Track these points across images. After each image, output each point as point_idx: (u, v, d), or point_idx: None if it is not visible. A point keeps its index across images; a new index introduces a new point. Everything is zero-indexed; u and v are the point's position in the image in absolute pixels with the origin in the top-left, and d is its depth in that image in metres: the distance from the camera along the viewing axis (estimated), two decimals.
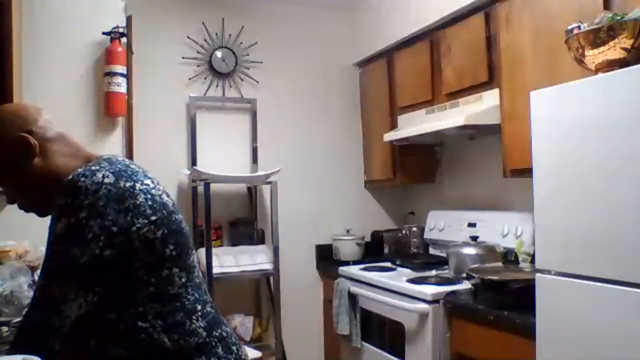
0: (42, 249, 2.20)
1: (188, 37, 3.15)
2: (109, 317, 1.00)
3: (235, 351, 1.13)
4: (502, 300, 1.96)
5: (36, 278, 2.06)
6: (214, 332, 1.10)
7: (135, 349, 1.00)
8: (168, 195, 1.12)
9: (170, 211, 1.08)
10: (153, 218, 1.04)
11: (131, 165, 1.10)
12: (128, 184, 1.03)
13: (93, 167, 1.02)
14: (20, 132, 1.08)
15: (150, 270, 1.02)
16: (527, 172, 1.86)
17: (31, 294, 1.95)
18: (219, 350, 1.09)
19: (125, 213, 1.00)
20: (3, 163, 1.09)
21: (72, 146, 1.15)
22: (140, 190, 1.04)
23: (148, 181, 1.08)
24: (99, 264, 0.97)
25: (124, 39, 2.53)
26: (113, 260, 0.98)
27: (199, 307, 1.09)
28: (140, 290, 1.01)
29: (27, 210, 1.15)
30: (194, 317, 1.07)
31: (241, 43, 3.26)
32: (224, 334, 1.13)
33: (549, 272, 1.64)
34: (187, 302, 1.07)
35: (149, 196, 1.05)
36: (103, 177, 1.00)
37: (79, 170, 1.02)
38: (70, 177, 1.00)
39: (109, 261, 0.98)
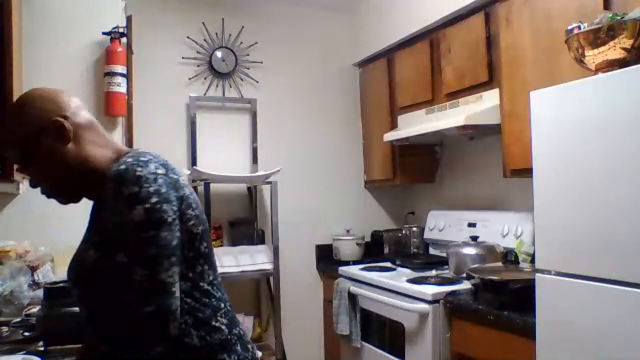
0: (42, 249, 2.22)
1: (188, 37, 3.15)
2: None
3: (251, 349, 1.15)
4: (502, 300, 1.96)
5: (36, 278, 2.06)
6: (234, 330, 1.12)
7: (167, 345, 0.99)
8: None
9: (202, 209, 1.11)
10: (197, 212, 1.07)
11: (168, 161, 1.10)
12: (175, 177, 1.04)
13: (142, 158, 1.01)
14: (56, 116, 1.06)
15: (188, 265, 1.04)
16: (527, 172, 1.86)
17: (31, 294, 1.96)
18: (238, 347, 1.10)
19: (180, 201, 1.03)
20: (35, 147, 1.05)
21: (102, 136, 1.14)
22: (184, 183, 1.07)
23: (183, 177, 1.09)
24: (180, 246, 1.00)
25: (124, 39, 2.53)
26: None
27: (222, 305, 1.11)
28: (180, 284, 1.02)
29: (49, 196, 1.12)
30: (218, 314, 1.09)
31: (241, 43, 3.26)
32: (241, 332, 1.15)
33: (549, 272, 1.64)
34: (213, 299, 1.09)
35: (189, 190, 1.07)
36: (155, 167, 1.01)
37: (128, 160, 1.00)
38: (124, 167, 0.98)
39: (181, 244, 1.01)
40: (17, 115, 1.06)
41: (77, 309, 1.29)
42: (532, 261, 2.25)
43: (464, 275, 2.30)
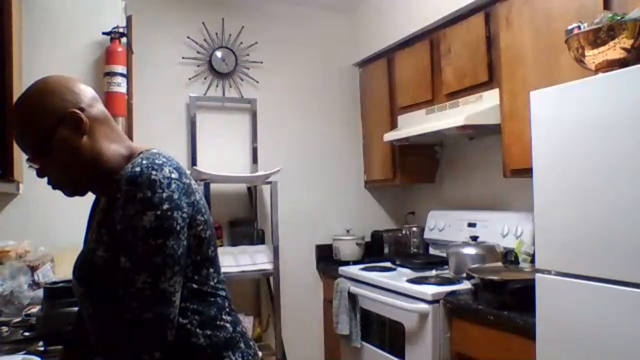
0: (42, 249, 2.22)
1: (188, 37, 3.15)
2: None
3: (253, 346, 1.16)
4: (502, 300, 1.96)
5: (36, 278, 2.05)
6: (237, 328, 1.13)
7: (172, 347, 0.99)
8: None
9: (210, 214, 1.11)
10: (206, 217, 1.07)
11: (180, 163, 1.10)
12: (187, 181, 1.04)
13: (157, 161, 1.00)
14: (73, 107, 1.04)
15: (195, 269, 1.05)
16: (527, 172, 1.86)
17: (31, 294, 1.96)
18: (242, 345, 1.12)
19: (192, 207, 1.03)
20: (50, 138, 1.03)
21: (115, 130, 1.12)
22: (195, 188, 1.07)
23: (194, 182, 1.09)
24: (185, 255, 1.01)
25: (124, 39, 2.52)
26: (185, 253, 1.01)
27: (227, 304, 1.13)
28: (185, 287, 1.03)
29: (55, 187, 1.10)
30: (223, 312, 1.11)
31: (241, 43, 3.26)
32: (243, 330, 1.17)
33: (549, 272, 1.64)
34: (219, 298, 1.11)
35: (199, 195, 1.07)
36: (170, 172, 1.00)
37: (143, 163, 0.99)
38: (138, 169, 0.97)
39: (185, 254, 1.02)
40: (36, 106, 1.04)
41: (77, 309, 1.29)
42: (532, 261, 2.25)
43: (464, 275, 2.30)
